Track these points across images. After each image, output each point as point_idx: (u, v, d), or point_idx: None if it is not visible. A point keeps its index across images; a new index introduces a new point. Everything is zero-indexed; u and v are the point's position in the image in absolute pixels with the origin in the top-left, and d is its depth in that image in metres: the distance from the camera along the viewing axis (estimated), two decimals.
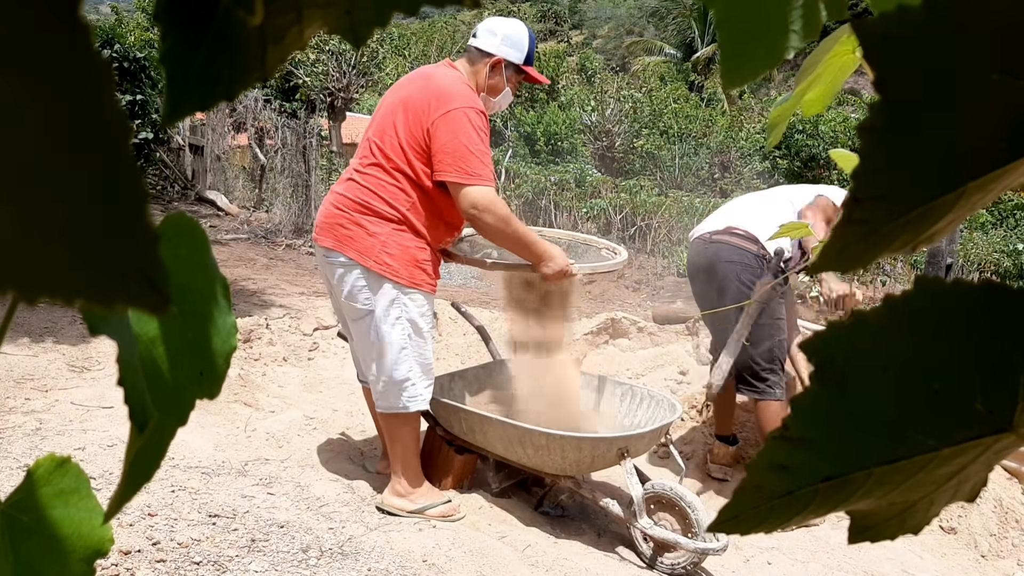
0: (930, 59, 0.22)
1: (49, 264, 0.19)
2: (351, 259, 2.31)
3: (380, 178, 2.33)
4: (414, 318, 2.36)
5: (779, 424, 0.24)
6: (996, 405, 0.23)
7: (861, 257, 0.24)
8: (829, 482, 0.25)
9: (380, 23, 0.27)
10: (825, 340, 0.24)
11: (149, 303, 0.19)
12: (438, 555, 2.09)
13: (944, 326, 0.23)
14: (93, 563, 0.34)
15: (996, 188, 0.24)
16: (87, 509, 0.34)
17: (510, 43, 2.45)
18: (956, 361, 0.24)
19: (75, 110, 0.18)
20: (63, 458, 0.35)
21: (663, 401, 2.78)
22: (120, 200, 0.19)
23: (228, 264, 7.21)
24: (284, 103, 13.52)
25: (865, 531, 0.27)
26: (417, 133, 2.28)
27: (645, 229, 11.24)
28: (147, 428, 0.27)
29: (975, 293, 0.23)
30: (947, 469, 0.25)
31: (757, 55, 0.31)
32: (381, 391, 2.39)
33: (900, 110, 0.22)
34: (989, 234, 12.51)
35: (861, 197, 0.23)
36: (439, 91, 2.29)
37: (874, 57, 0.23)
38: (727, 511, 0.26)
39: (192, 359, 0.29)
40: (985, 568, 2.79)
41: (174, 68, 0.26)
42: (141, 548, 1.89)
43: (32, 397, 2.92)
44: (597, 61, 24.95)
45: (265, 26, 0.26)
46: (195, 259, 0.29)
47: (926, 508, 0.27)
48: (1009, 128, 0.23)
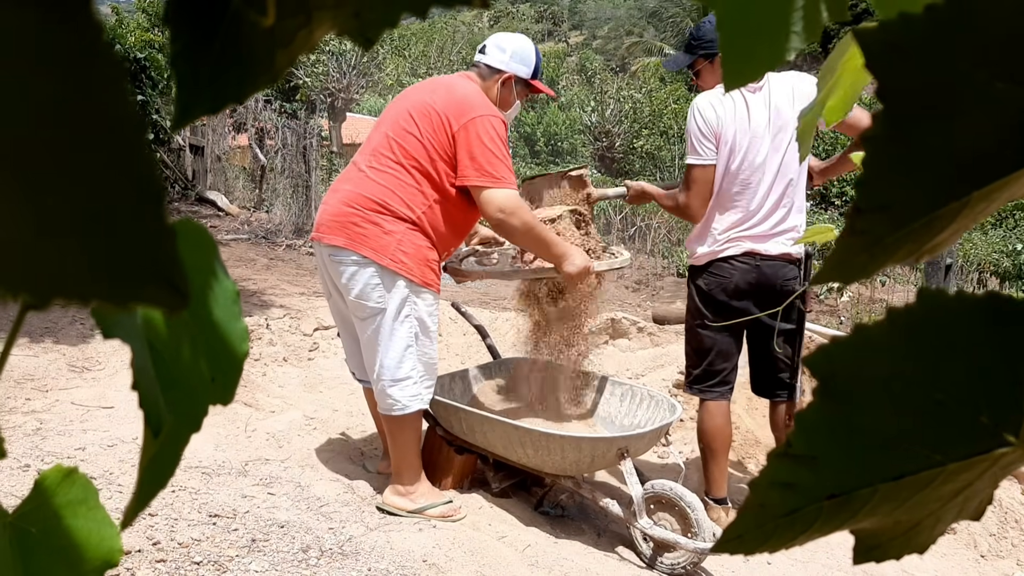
0: (933, 67, 0.22)
1: (64, 264, 0.19)
2: (365, 257, 2.31)
3: (400, 177, 2.35)
4: (422, 317, 2.38)
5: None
6: (1002, 418, 0.23)
7: (865, 268, 0.24)
8: (834, 499, 0.24)
9: (390, 24, 0.26)
10: (828, 354, 0.23)
11: (167, 302, 0.19)
12: (438, 555, 2.09)
13: (947, 339, 0.23)
14: (103, 574, 0.34)
15: (1001, 197, 0.24)
16: (96, 520, 0.34)
17: (519, 59, 2.53)
18: (960, 374, 0.23)
19: (89, 106, 0.18)
20: (70, 468, 0.35)
21: (663, 401, 2.78)
22: (137, 197, 0.19)
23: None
24: (284, 103, 13.52)
25: (871, 550, 0.27)
26: (442, 138, 2.33)
27: (645, 229, 11.24)
28: (162, 433, 0.27)
29: (978, 304, 0.23)
30: (953, 486, 0.25)
31: (758, 55, 0.31)
32: (382, 389, 2.40)
33: (903, 119, 0.22)
34: (989, 234, 12.51)
35: (864, 208, 0.23)
36: (463, 99, 2.36)
37: (876, 65, 0.22)
38: (731, 531, 0.25)
39: (205, 365, 0.29)
40: (984, 568, 2.79)
41: (184, 71, 0.26)
42: (141, 548, 1.89)
43: (32, 397, 2.92)
44: (597, 62, 24.95)
45: (275, 28, 0.26)
46: (205, 264, 0.29)
47: (932, 526, 0.27)
48: (1014, 136, 0.22)
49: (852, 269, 0.24)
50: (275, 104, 12.83)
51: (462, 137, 2.31)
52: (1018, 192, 0.24)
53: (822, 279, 0.25)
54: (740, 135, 2.55)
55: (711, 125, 2.56)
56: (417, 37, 23.98)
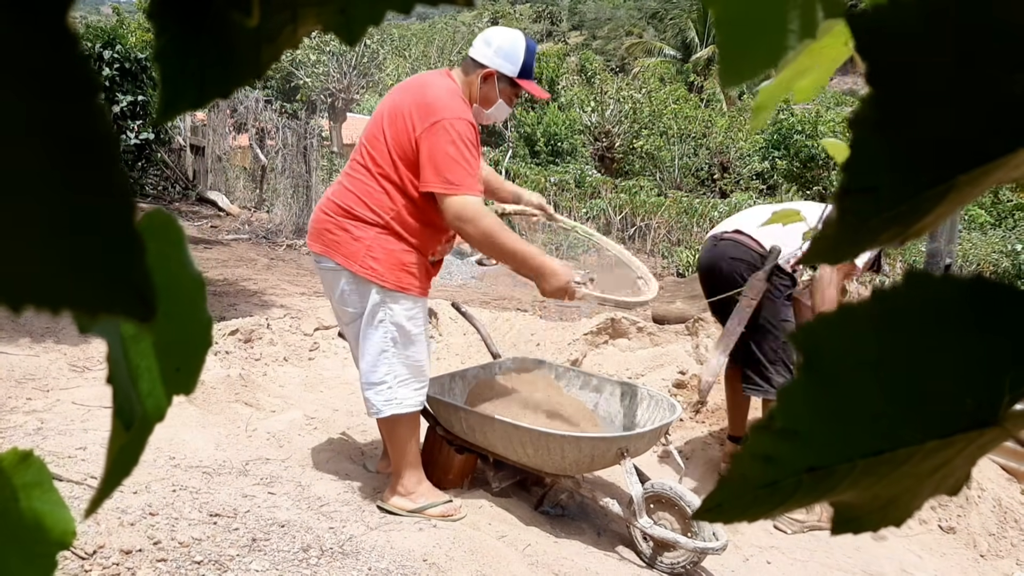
0: (922, 52, 0.22)
1: (35, 273, 0.19)
2: (338, 264, 2.33)
3: (367, 183, 2.34)
4: (400, 322, 2.35)
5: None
6: (982, 399, 0.23)
7: (850, 249, 0.24)
8: (814, 472, 0.24)
9: (374, 22, 0.27)
10: (812, 331, 0.24)
11: (135, 313, 0.20)
12: (438, 554, 2.10)
13: (932, 320, 0.23)
14: (56, 555, 0.35)
15: (986, 182, 0.24)
16: (50, 502, 0.35)
17: (503, 55, 2.40)
18: (943, 355, 0.23)
19: (61, 119, 0.18)
20: (26, 452, 0.35)
21: (663, 401, 2.78)
22: (106, 209, 0.19)
23: (229, 264, 7.21)
24: (285, 104, 13.53)
25: (848, 522, 0.27)
26: (404, 142, 2.29)
27: (644, 229, 11.24)
28: (133, 426, 0.27)
29: (963, 287, 0.23)
30: (931, 462, 0.25)
31: (756, 55, 0.31)
32: (362, 391, 2.41)
33: (891, 103, 0.22)
34: (988, 235, 12.51)
35: (851, 189, 0.23)
36: (428, 102, 2.28)
37: (866, 49, 0.23)
38: (711, 499, 0.26)
39: (169, 356, 0.30)
40: (984, 568, 2.79)
41: (168, 67, 0.26)
42: (142, 547, 1.89)
43: (33, 397, 2.93)
44: (597, 62, 24.93)
45: (260, 25, 0.26)
46: (171, 255, 0.29)
47: (909, 501, 0.27)
48: (1000, 122, 0.23)
49: (838, 249, 0.24)
50: (275, 104, 12.83)
51: (424, 142, 2.25)
52: (1003, 177, 0.24)
53: (809, 259, 0.25)
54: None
55: None
56: (417, 38, 23.99)
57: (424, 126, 2.25)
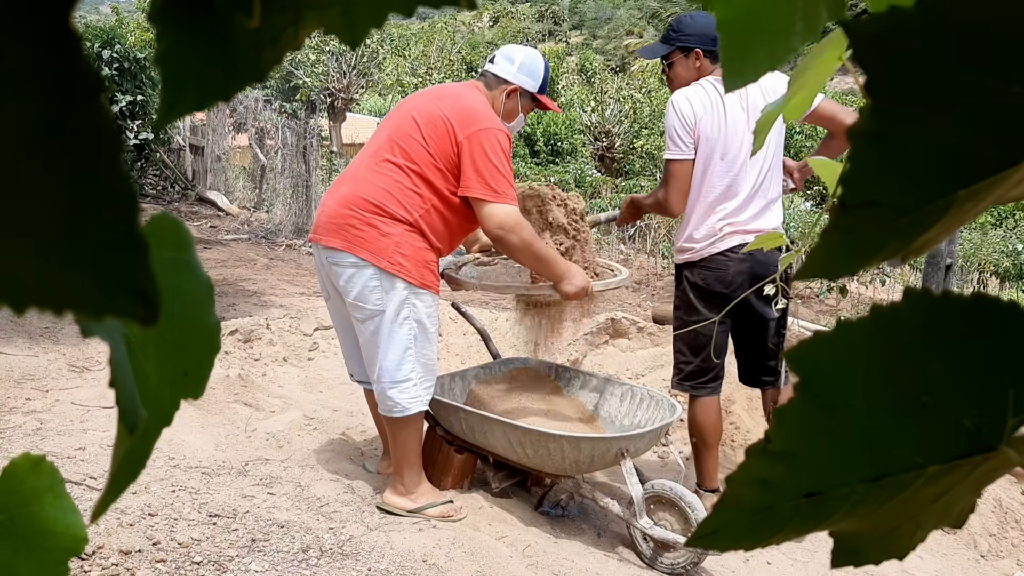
0: (921, 63, 0.22)
1: (39, 275, 0.19)
2: (363, 259, 2.31)
3: (398, 179, 2.34)
4: (421, 318, 2.37)
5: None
6: (986, 423, 0.23)
7: (848, 265, 0.24)
8: (810, 498, 0.24)
9: (376, 24, 0.27)
10: (809, 350, 0.23)
11: (139, 315, 0.19)
12: (438, 555, 2.09)
13: (932, 339, 0.23)
14: (67, 562, 0.35)
15: (987, 197, 0.23)
16: (61, 508, 0.35)
17: (526, 71, 2.52)
18: (945, 376, 0.23)
19: (65, 120, 0.18)
20: (38, 457, 0.35)
21: (663, 401, 2.78)
22: (110, 211, 0.19)
23: (228, 264, 7.21)
24: (284, 103, 13.53)
25: (848, 554, 0.26)
26: (446, 145, 2.33)
27: (645, 229, 11.23)
28: (138, 429, 0.27)
29: (964, 305, 0.23)
30: (933, 490, 0.24)
31: (758, 56, 0.30)
32: (382, 391, 2.39)
33: (889, 114, 0.22)
34: (989, 234, 12.51)
35: (850, 204, 0.22)
36: (471, 110, 2.35)
37: (864, 59, 0.22)
38: (705, 526, 0.25)
39: (177, 359, 0.29)
40: (984, 568, 2.79)
41: (169, 69, 0.26)
42: (141, 548, 1.89)
43: (33, 397, 2.92)
44: (597, 61, 24.93)
45: (261, 27, 0.26)
46: (179, 260, 0.29)
47: (911, 532, 0.26)
48: (1002, 135, 0.22)
49: (836, 265, 0.23)
50: (275, 104, 12.83)
51: (467, 148, 2.30)
52: (1004, 193, 0.23)
53: (805, 275, 0.24)
54: (718, 130, 2.56)
55: (689, 120, 2.58)
56: (417, 37, 23.98)
57: (467, 132, 2.31)
